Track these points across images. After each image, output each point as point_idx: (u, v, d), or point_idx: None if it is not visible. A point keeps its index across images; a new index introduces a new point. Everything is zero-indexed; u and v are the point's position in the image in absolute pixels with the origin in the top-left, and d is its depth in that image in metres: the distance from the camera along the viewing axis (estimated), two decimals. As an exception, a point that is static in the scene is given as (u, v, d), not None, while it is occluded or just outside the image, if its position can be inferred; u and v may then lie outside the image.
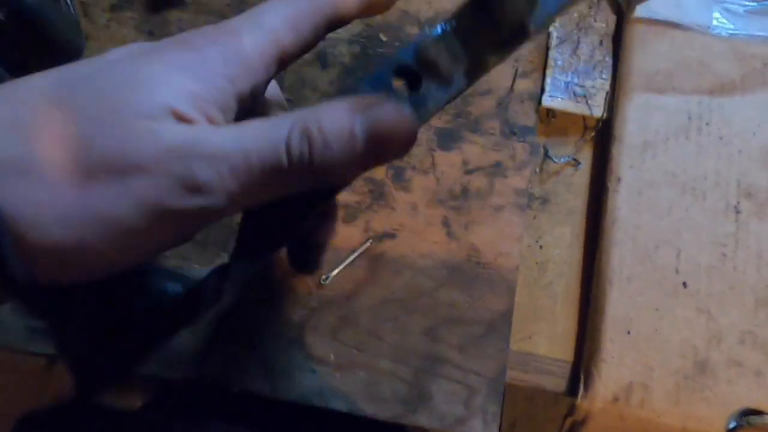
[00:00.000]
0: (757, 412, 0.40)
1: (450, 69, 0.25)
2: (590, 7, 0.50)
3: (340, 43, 0.50)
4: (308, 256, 0.31)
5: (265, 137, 0.21)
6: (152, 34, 0.50)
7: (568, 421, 0.43)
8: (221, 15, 0.50)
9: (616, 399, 0.41)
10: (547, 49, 0.49)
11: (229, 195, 0.21)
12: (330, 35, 0.51)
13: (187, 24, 0.50)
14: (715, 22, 0.47)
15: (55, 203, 0.19)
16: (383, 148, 0.21)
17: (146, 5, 0.51)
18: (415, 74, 0.25)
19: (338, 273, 0.44)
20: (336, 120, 0.21)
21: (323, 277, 0.44)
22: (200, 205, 0.21)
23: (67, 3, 0.49)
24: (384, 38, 0.50)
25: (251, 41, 0.23)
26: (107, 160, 0.20)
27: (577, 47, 0.49)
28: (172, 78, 0.22)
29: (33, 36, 0.44)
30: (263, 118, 0.22)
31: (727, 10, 0.47)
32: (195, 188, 0.20)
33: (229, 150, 0.21)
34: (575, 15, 0.50)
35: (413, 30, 0.50)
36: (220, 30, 0.24)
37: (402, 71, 0.25)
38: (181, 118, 0.21)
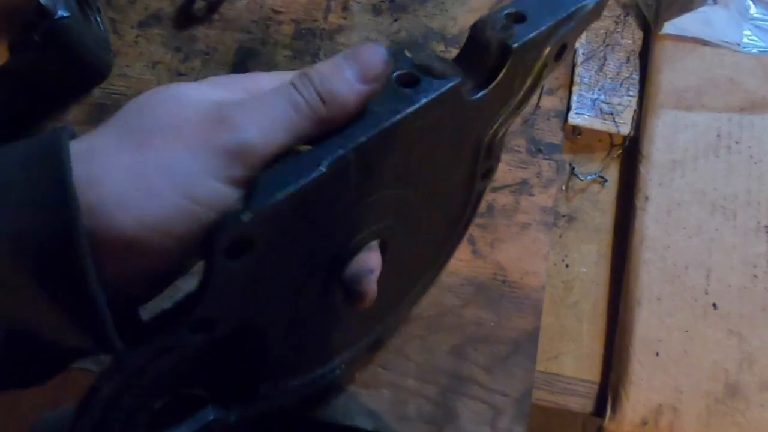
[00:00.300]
0: (791, 438, 0.39)
1: (444, 68, 0.27)
2: (617, 23, 0.50)
3: (366, 60, 0.50)
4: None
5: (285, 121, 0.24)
6: (179, 50, 0.51)
7: (595, 443, 0.42)
8: (247, 31, 0.51)
9: (644, 422, 0.40)
10: (573, 66, 0.49)
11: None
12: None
13: (213, 41, 0.51)
14: (745, 40, 0.46)
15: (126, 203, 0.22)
16: (365, 68, 0.24)
17: (174, 22, 0.51)
18: (413, 76, 0.27)
19: (363, 290, 0.44)
20: (326, 64, 0.25)
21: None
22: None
23: (97, 20, 0.50)
24: (409, 54, 0.50)
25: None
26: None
27: (603, 64, 0.49)
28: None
29: (66, 54, 0.44)
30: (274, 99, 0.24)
31: (757, 27, 0.47)
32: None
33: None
34: (602, 31, 0.50)
35: (439, 47, 0.50)
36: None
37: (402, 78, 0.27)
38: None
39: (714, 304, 0.42)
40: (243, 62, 0.50)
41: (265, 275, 0.26)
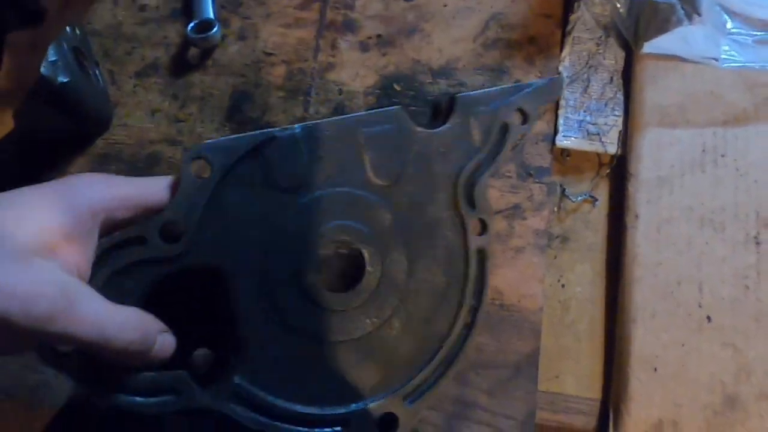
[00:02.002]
0: (790, 446, 0.40)
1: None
2: (598, 45, 0.51)
3: (357, 96, 0.51)
4: None
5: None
6: (176, 98, 0.52)
7: (601, 459, 0.43)
8: (241, 75, 0.53)
9: (646, 437, 0.41)
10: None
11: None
12: (347, 88, 0.53)
13: (208, 86, 0.53)
14: (723, 55, 0.48)
15: None
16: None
17: (170, 70, 0.53)
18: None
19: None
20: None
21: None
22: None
23: (96, 74, 0.52)
24: (398, 88, 0.51)
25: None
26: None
27: (588, 85, 0.50)
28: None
29: (68, 113, 0.46)
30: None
31: (735, 41, 0.48)
32: (45, 326, 0.28)
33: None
34: (584, 53, 0.51)
35: (426, 78, 0.52)
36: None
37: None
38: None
39: (708, 317, 0.43)
40: (238, 105, 0.52)
41: (227, 212, 0.35)
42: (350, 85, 0.52)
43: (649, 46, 0.48)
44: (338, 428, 0.36)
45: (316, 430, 0.36)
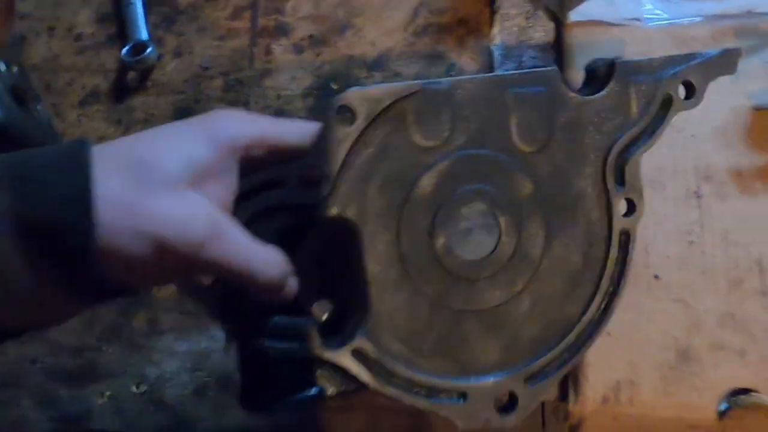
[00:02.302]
0: (746, 391, 0.41)
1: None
2: (527, 19, 0.51)
3: (295, 99, 0.52)
4: None
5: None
6: (120, 122, 0.53)
7: (567, 426, 0.44)
8: (180, 92, 0.53)
9: (605, 400, 0.42)
10: (492, 68, 0.50)
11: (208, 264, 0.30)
12: (285, 92, 0.53)
13: (150, 106, 0.53)
14: (649, 14, 0.48)
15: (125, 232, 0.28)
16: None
17: (111, 96, 0.54)
18: None
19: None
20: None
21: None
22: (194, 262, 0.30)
23: (37, 109, 0.52)
24: (335, 86, 0.52)
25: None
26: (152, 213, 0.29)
27: (521, 60, 0.50)
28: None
29: (8, 150, 0.47)
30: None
31: (659, -1, 0.48)
32: (197, 252, 0.29)
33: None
34: (515, 29, 0.51)
35: (362, 72, 0.52)
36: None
37: None
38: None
39: (656, 276, 0.44)
40: (181, 122, 0.52)
41: (365, 165, 0.34)
42: (288, 89, 0.52)
43: (575, 14, 0.49)
44: (457, 400, 0.35)
45: (432, 399, 0.35)
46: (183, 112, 0.53)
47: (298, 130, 0.33)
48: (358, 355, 0.33)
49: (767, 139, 0.45)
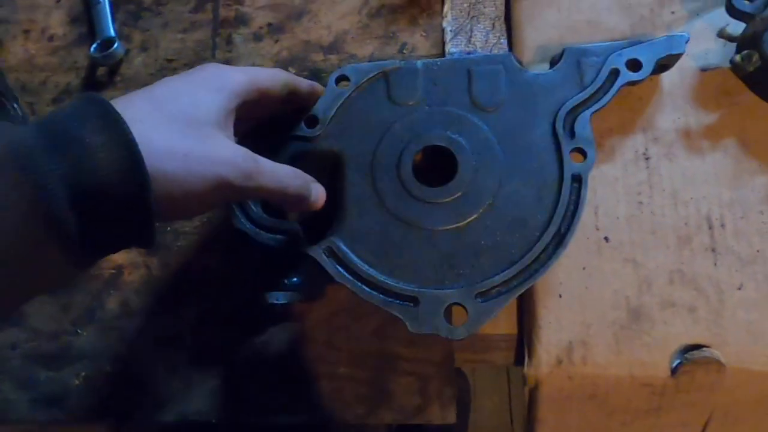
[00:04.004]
0: (697, 347, 0.41)
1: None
2: (478, -5, 0.52)
3: (255, 85, 0.53)
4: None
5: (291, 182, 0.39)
6: (91, 117, 0.55)
7: (526, 390, 0.45)
8: (147, 84, 0.55)
9: (559, 361, 0.43)
10: (443, 43, 0.51)
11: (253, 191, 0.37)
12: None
13: (119, 100, 0.55)
14: (592, -18, 0.48)
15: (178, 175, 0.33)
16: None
17: (83, 92, 0.56)
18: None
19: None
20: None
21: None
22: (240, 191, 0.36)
23: (14, 107, 0.55)
24: (293, 70, 0.53)
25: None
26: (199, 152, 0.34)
27: (471, 35, 0.51)
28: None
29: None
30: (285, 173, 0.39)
31: (603, -34, 0.49)
32: (247, 182, 0.36)
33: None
34: (465, 5, 0.52)
35: (319, 56, 0.53)
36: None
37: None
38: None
39: (606, 238, 0.44)
40: (148, 114, 0.54)
41: (353, 114, 0.45)
42: (248, 76, 0.54)
43: (522, -13, 0.49)
44: (408, 304, 0.40)
45: (389, 299, 0.40)
46: (150, 103, 0.54)
47: (278, 77, 0.42)
48: (331, 253, 0.42)
49: (713, 99, 0.45)
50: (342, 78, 0.46)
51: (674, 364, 0.41)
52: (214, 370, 0.48)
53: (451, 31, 0.51)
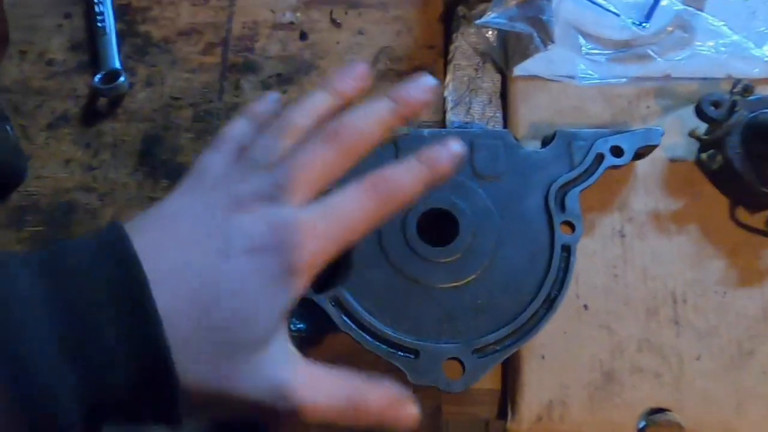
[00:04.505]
0: (661, 410, 0.46)
1: None
2: (476, 70, 0.57)
3: (261, 132, 0.55)
4: None
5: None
6: (89, 146, 0.55)
7: (505, 443, 0.48)
8: (150, 120, 0.56)
9: (539, 418, 0.46)
10: (444, 112, 0.55)
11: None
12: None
13: (119, 132, 0.55)
14: (581, 74, 0.54)
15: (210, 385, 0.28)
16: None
17: (80, 121, 0.56)
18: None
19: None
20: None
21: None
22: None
23: (6, 129, 0.54)
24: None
25: None
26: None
27: (470, 107, 0.56)
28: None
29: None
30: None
31: (591, 60, 0.55)
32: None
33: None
34: (465, 79, 0.57)
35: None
36: None
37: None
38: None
39: (585, 305, 0.49)
40: (149, 149, 0.55)
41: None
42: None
43: (518, 70, 0.54)
44: (410, 356, 0.43)
45: (392, 350, 0.43)
46: (152, 139, 0.55)
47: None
48: (337, 302, 0.44)
49: (680, 188, 0.52)
50: None
51: (640, 426, 0.46)
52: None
53: (452, 101, 0.56)
